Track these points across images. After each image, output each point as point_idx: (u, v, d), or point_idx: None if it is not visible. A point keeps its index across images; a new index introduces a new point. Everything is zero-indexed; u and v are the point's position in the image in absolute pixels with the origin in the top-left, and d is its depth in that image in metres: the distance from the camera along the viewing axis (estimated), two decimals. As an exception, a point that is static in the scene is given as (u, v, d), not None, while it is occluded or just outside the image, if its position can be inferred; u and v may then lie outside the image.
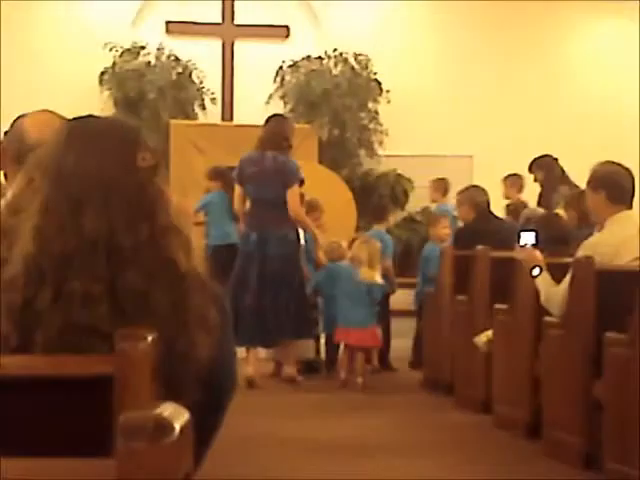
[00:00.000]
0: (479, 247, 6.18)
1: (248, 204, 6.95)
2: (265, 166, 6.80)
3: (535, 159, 8.53)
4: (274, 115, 7.53)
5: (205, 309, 1.67)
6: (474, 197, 7.03)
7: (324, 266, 7.28)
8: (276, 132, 6.92)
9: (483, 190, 7.13)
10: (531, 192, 8.64)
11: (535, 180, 8.52)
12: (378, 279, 6.97)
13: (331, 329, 7.17)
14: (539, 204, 8.11)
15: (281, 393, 6.65)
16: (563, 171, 8.45)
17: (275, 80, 11.19)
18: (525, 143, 10.50)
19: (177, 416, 1.10)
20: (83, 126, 1.77)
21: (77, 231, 1.63)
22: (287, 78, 11.19)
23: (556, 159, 8.54)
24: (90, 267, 1.61)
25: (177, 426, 1.07)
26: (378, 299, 7.00)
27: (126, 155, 1.72)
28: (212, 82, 11.16)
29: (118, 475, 0.99)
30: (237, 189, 7.00)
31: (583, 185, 5.37)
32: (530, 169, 8.53)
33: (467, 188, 7.28)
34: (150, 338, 1.46)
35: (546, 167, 8.37)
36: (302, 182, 6.90)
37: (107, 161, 1.69)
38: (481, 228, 6.73)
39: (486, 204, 7.06)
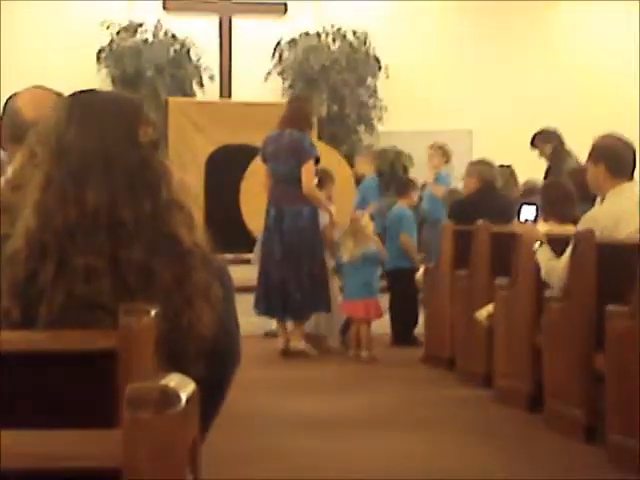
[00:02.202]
0: (479, 221, 6.18)
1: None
2: (282, 144, 7.07)
3: (539, 132, 8.37)
4: (296, 96, 8.02)
5: (208, 284, 1.67)
6: (483, 171, 7.04)
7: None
8: (297, 112, 7.18)
9: (493, 167, 7.12)
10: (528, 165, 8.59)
11: (540, 154, 8.38)
12: (367, 248, 7.03)
13: None
14: (546, 178, 8.00)
15: (279, 369, 6.68)
16: (568, 146, 8.36)
17: (273, 57, 11.15)
18: (524, 117, 10.47)
19: (183, 386, 1.10)
20: (85, 100, 1.76)
21: (79, 205, 1.62)
22: (285, 55, 11.15)
23: (556, 130, 8.44)
24: (92, 241, 1.60)
25: (183, 396, 1.07)
26: (376, 263, 7.12)
27: (128, 129, 1.71)
28: (210, 59, 11.12)
29: (125, 445, 0.99)
30: (263, 167, 7.33)
31: (583, 159, 5.36)
32: (533, 143, 8.38)
33: (479, 162, 7.29)
34: (153, 313, 1.46)
35: (553, 139, 8.23)
36: (317, 160, 7.11)
37: (109, 135, 1.68)
38: (482, 201, 6.72)
39: (493, 180, 7.06)
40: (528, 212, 5.04)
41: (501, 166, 7.86)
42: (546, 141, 8.22)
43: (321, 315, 7.28)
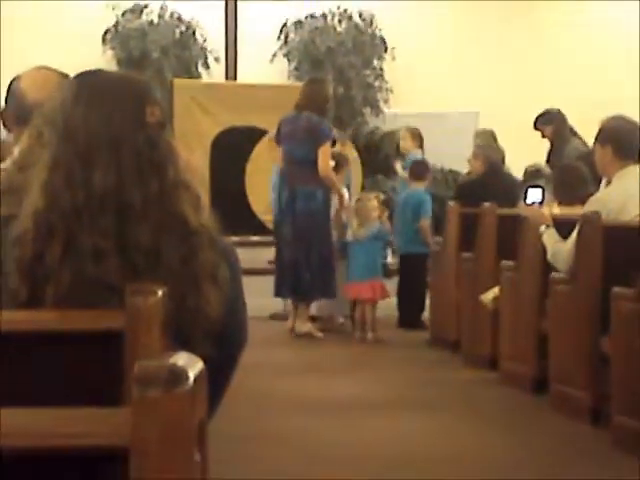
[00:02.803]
0: (485, 204, 6.17)
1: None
2: (298, 125, 7.12)
3: (541, 114, 8.36)
4: (313, 78, 7.94)
5: (215, 264, 1.67)
6: (489, 153, 7.02)
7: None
8: (314, 94, 7.21)
9: (500, 149, 7.10)
10: (530, 149, 8.55)
11: (543, 136, 8.37)
12: (371, 228, 7.06)
13: None
14: (548, 160, 8.00)
15: (285, 351, 6.69)
16: (571, 126, 8.34)
17: (279, 38, 11.11)
18: (531, 98, 10.43)
19: (191, 365, 1.10)
20: (92, 80, 1.75)
21: (86, 186, 1.62)
22: (291, 36, 11.12)
23: (560, 111, 8.41)
24: (99, 222, 1.61)
25: (191, 375, 1.07)
26: (380, 243, 7.14)
27: (135, 110, 1.70)
28: (215, 41, 11.09)
29: (133, 423, 0.99)
30: (279, 149, 7.37)
31: (589, 141, 5.34)
32: (536, 125, 8.38)
33: (485, 144, 7.27)
34: (160, 293, 1.46)
35: (555, 120, 8.21)
36: (334, 142, 7.21)
37: (116, 115, 1.68)
38: (488, 183, 6.71)
39: (500, 162, 7.04)
40: (534, 195, 5.03)
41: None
42: (548, 123, 8.19)
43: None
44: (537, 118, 8.33)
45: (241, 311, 1.79)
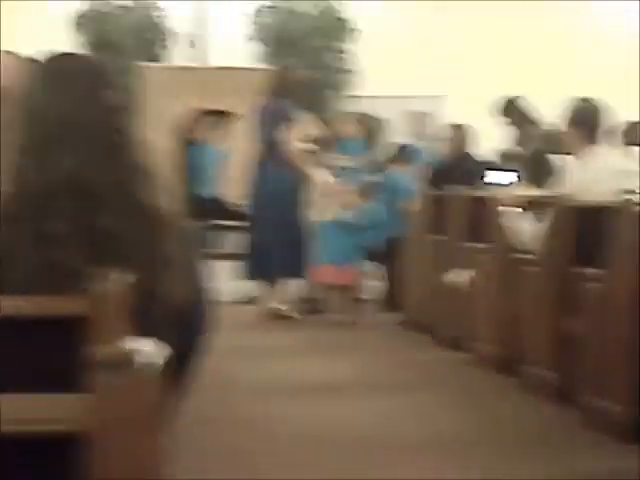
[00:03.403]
0: (456, 187, 6.19)
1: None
2: (267, 110, 7.32)
3: (502, 101, 8.45)
4: (282, 64, 8.24)
5: (177, 251, 1.67)
6: (460, 136, 7.05)
7: None
8: (281, 80, 7.42)
9: (468, 130, 7.12)
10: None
11: (506, 123, 8.46)
12: (343, 215, 7.07)
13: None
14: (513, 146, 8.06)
15: (258, 335, 6.70)
16: (531, 111, 8.42)
17: (249, 21, 11.05)
18: (498, 82, 10.45)
19: (155, 351, 1.10)
20: (58, 66, 1.75)
21: (53, 172, 1.62)
22: (261, 20, 11.06)
23: (520, 98, 8.49)
24: (63, 207, 1.61)
25: (155, 361, 1.07)
26: (349, 231, 7.10)
27: (100, 96, 1.70)
28: (185, 23, 11.01)
29: (97, 409, 0.99)
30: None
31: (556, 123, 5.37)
32: (498, 112, 8.47)
33: (457, 126, 7.29)
34: (124, 278, 1.46)
35: (513, 108, 8.31)
36: (299, 125, 7.31)
37: (81, 102, 1.68)
38: (457, 166, 6.74)
39: (467, 143, 7.07)
40: (504, 177, 5.06)
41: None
42: (507, 111, 8.28)
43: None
44: (497, 106, 8.42)
45: (204, 297, 1.79)
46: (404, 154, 7.95)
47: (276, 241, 7.14)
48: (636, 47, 11.34)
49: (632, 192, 4.57)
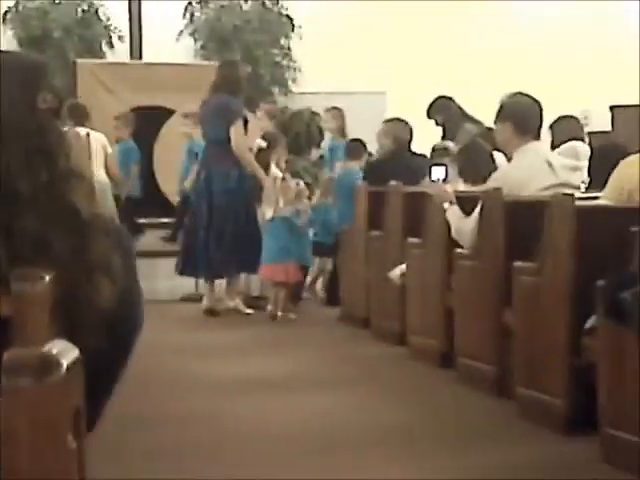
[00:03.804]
0: (392, 183, 6.22)
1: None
2: (211, 107, 7.24)
3: (431, 103, 8.56)
4: (226, 60, 8.14)
5: (108, 256, 1.64)
6: (396, 129, 7.07)
7: None
8: (227, 76, 7.33)
9: (407, 125, 7.15)
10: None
11: (436, 124, 8.57)
12: (284, 211, 7.08)
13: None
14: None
15: (200, 332, 6.66)
16: (462, 110, 8.53)
17: (184, 16, 10.97)
18: (438, 79, 10.53)
19: (65, 353, 1.07)
20: None
21: None
22: (196, 14, 10.99)
23: (451, 98, 8.60)
24: None
25: (64, 363, 1.05)
26: (291, 228, 7.11)
27: (27, 95, 1.66)
28: (119, 19, 10.89)
29: (3, 412, 0.97)
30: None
31: (488, 121, 5.42)
32: (428, 115, 8.57)
33: (392, 120, 7.31)
34: (47, 278, 1.42)
35: (443, 108, 8.43)
36: (246, 121, 7.26)
37: (6, 101, 1.63)
38: (394, 162, 6.76)
39: (407, 139, 7.10)
40: (438, 172, 5.09)
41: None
42: (437, 111, 8.39)
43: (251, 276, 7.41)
44: (429, 107, 8.52)
45: (135, 301, 1.76)
46: (355, 149, 7.96)
47: (219, 238, 7.10)
48: (574, 44, 11.51)
49: (565, 185, 4.64)
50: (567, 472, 3.42)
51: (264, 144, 7.68)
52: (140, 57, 10.97)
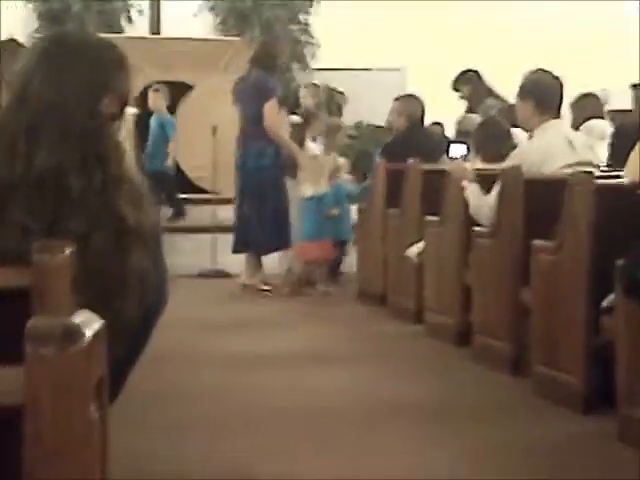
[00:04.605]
0: (410, 160, 6.20)
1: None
2: (247, 83, 7.28)
3: (458, 75, 8.50)
4: (266, 37, 8.48)
5: (144, 266, 1.63)
6: (409, 107, 7.02)
7: None
8: (263, 52, 7.40)
9: (419, 100, 7.11)
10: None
11: (462, 97, 8.51)
12: (320, 189, 7.14)
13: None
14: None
15: (218, 309, 6.69)
16: (488, 85, 8.47)
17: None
18: (457, 55, 10.47)
19: (88, 323, 1.08)
20: (58, 47, 1.67)
21: (27, 160, 1.56)
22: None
23: (478, 72, 8.54)
24: (34, 201, 1.56)
25: (87, 333, 1.05)
26: (328, 206, 7.14)
27: (93, 96, 1.64)
28: (138, -4, 10.88)
29: (26, 381, 0.98)
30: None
31: (510, 98, 5.39)
32: (454, 86, 8.52)
33: (403, 97, 7.27)
34: (68, 250, 1.43)
35: (470, 81, 8.37)
36: (280, 99, 7.32)
37: (72, 96, 1.61)
38: (412, 139, 6.73)
39: (420, 115, 7.06)
40: (458, 150, 5.06)
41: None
42: (464, 83, 8.34)
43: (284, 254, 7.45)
44: (455, 79, 8.47)
45: (161, 310, 1.76)
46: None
47: (257, 215, 7.19)
48: (595, 22, 11.41)
49: (585, 164, 4.61)
50: (584, 450, 3.42)
51: (299, 120, 7.76)
52: (159, 32, 10.95)
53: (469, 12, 11.42)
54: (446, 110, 8.72)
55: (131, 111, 8.22)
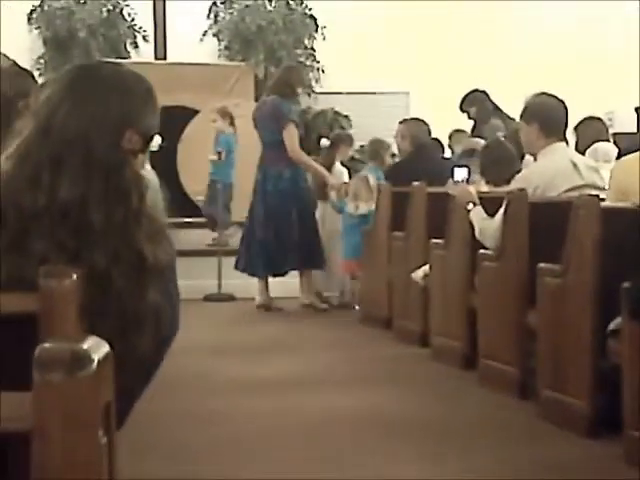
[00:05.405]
0: (415, 183, 6.21)
1: None
2: (264, 109, 7.49)
3: (465, 96, 8.54)
4: (287, 64, 8.61)
5: (159, 303, 1.63)
6: (413, 129, 7.06)
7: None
8: (280, 79, 7.57)
9: (424, 123, 7.13)
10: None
11: (469, 117, 8.55)
12: (361, 210, 7.31)
13: None
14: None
15: (218, 331, 6.69)
16: (495, 105, 8.49)
17: (209, 17, 11.00)
18: (461, 79, 10.50)
19: (96, 348, 1.08)
20: (87, 78, 1.68)
21: (51, 192, 1.57)
22: (221, 15, 11.01)
23: (486, 92, 8.57)
24: (57, 233, 1.55)
25: (95, 358, 1.06)
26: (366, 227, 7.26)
27: (117, 129, 1.65)
28: (144, 19, 10.93)
29: (34, 407, 0.98)
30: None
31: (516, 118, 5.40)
32: (461, 107, 8.55)
33: (408, 120, 7.30)
34: (75, 276, 1.43)
35: (477, 101, 8.40)
36: (297, 124, 7.48)
37: (96, 129, 1.61)
38: (417, 162, 6.75)
39: (425, 138, 7.08)
40: (461, 173, 5.08)
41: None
42: (471, 104, 8.37)
43: (320, 273, 7.63)
44: (462, 99, 8.50)
45: (172, 341, 1.76)
46: (378, 150, 8.03)
47: (277, 238, 7.33)
48: (599, 45, 11.45)
49: (590, 187, 4.62)
50: (590, 474, 3.41)
51: (327, 143, 8.06)
52: (164, 57, 11.01)
53: (474, 35, 11.47)
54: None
55: (157, 142, 8.28)
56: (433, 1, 11.41)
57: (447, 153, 8.74)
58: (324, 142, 8.36)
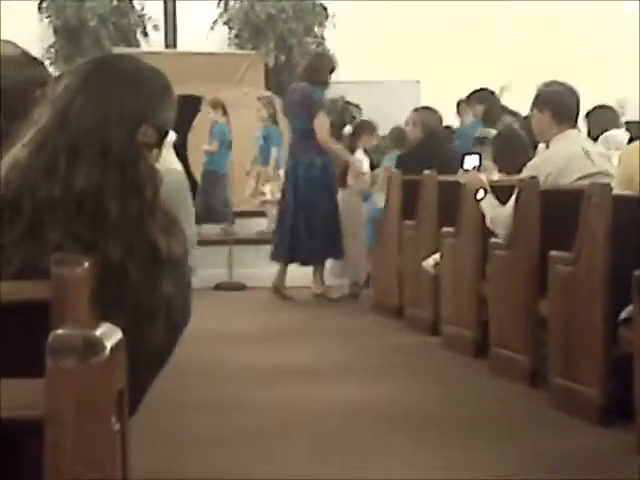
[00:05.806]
0: (426, 172, 6.20)
1: None
2: (294, 98, 7.46)
3: (472, 93, 8.51)
4: (316, 52, 8.78)
5: (172, 296, 1.64)
6: (424, 118, 7.04)
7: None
8: (311, 66, 7.54)
9: (435, 112, 7.12)
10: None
11: (474, 115, 8.51)
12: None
13: None
14: None
15: (231, 319, 6.70)
16: (502, 104, 8.47)
17: (219, 5, 10.99)
18: (472, 68, 10.47)
19: (109, 335, 1.09)
20: (105, 70, 1.68)
21: (66, 182, 1.57)
22: (231, 3, 11.00)
23: (493, 92, 8.55)
24: (73, 223, 1.56)
25: (108, 345, 1.06)
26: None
27: (133, 122, 1.65)
28: (154, 8, 10.93)
29: (47, 394, 0.98)
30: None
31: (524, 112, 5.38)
32: (468, 104, 8.52)
33: (420, 108, 7.29)
34: (86, 264, 1.44)
35: (486, 100, 8.36)
36: (328, 111, 7.55)
37: (113, 120, 1.62)
38: (427, 151, 6.74)
39: (436, 127, 7.07)
40: (471, 161, 5.06)
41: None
42: (479, 102, 8.33)
43: (339, 262, 7.63)
44: (469, 95, 8.47)
45: (183, 330, 1.76)
46: (403, 138, 8.01)
47: (306, 225, 7.33)
48: (610, 33, 11.40)
49: (602, 174, 4.60)
50: (602, 462, 3.40)
51: (350, 131, 8.14)
52: (174, 46, 11.01)
53: (486, 26, 11.42)
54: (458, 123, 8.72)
55: (172, 137, 8.26)
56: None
57: (456, 122, 8.74)
58: (347, 130, 8.40)
